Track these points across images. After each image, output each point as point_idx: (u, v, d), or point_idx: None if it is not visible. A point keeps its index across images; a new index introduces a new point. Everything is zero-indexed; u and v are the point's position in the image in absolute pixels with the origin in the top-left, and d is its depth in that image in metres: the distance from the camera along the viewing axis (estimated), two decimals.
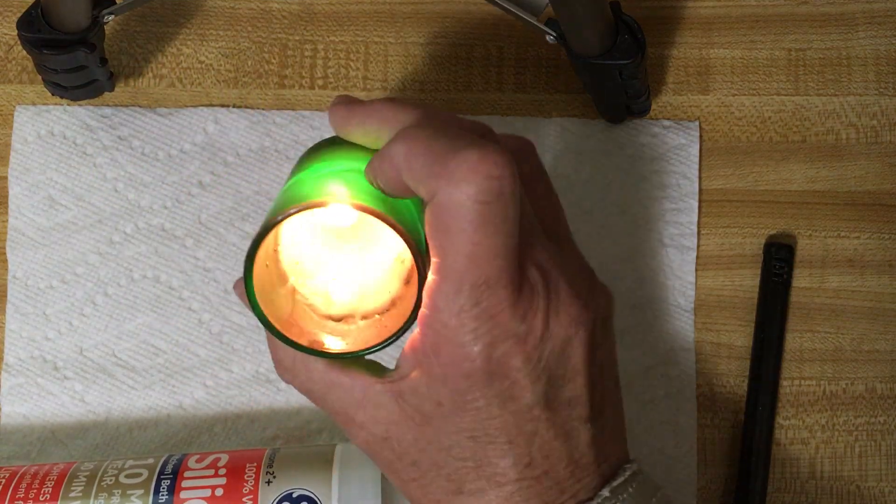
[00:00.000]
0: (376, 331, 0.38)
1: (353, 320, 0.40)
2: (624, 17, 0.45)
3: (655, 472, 0.49)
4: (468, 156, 0.33)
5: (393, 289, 0.40)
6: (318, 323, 0.39)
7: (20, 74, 0.53)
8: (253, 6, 0.54)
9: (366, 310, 0.40)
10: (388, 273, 0.40)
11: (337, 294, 0.40)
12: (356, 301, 0.40)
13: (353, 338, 0.39)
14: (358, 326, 0.39)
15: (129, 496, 0.43)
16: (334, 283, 0.40)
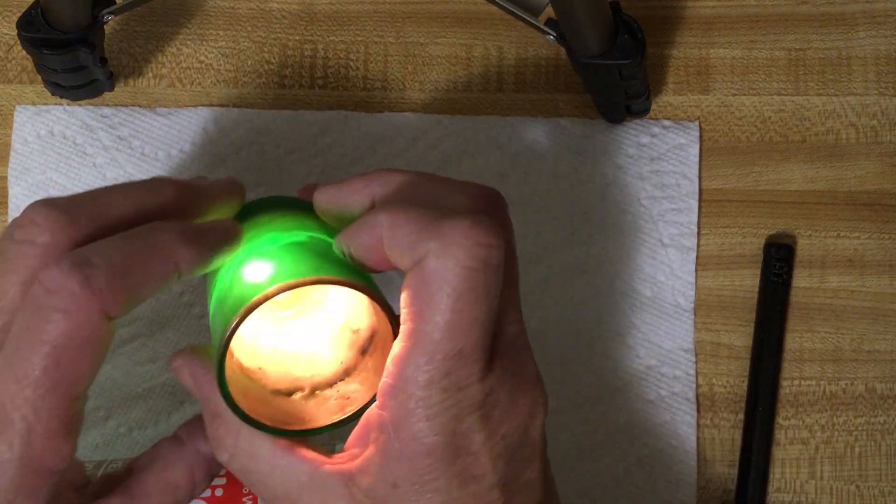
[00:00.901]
0: (337, 403, 0.37)
1: (305, 393, 0.38)
2: (624, 16, 0.45)
3: (655, 472, 0.49)
4: (460, 221, 0.33)
5: (343, 358, 0.38)
6: (268, 399, 0.37)
7: (20, 74, 0.53)
8: (253, 6, 0.54)
9: (315, 381, 0.38)
10: (336, 342, 0.39)
11: (281, 365, 0.39)
12: (303, 372, 0.39)
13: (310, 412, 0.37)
14: (315, 400, 0.38)
15: None
16: (276, 354, 0.39)
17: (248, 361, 0.38)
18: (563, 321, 0.50)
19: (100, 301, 0.31)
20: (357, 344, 0.39)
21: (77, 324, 0.31)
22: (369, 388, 0.37)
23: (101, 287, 0.31)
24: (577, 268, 0.51)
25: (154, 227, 0.34)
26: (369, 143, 0.52)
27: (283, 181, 0.51)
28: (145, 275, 0.33)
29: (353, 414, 0.37)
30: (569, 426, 0.50)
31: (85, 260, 0.32)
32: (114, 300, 0.32)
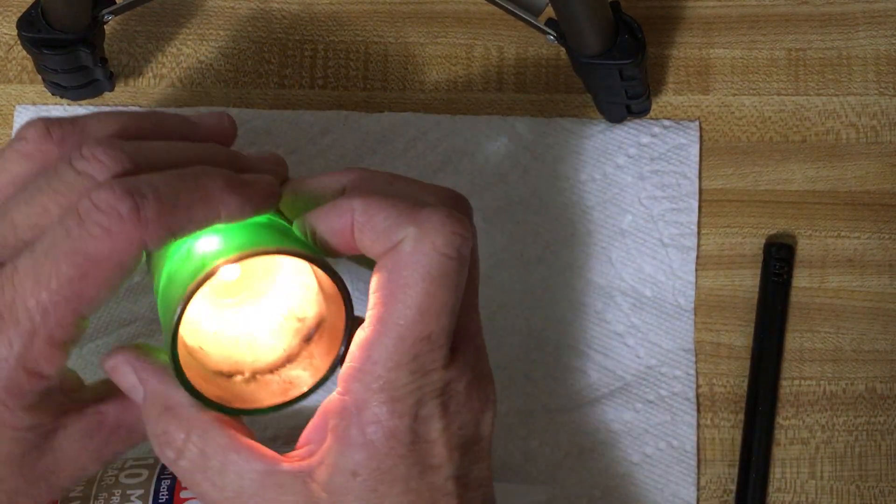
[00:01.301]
0: (280, 388, 0.37)
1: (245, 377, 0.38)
2: (624, 16, 0.45)
3: (655, 471, 0.49)
4: (438, 210, 0.34)
5: (287, 345, 0.39)
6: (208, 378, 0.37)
7: (20, 74, 0.53)
8: (253, 6, 0.54)
9: (256, 366, 0.38)
10: (280, 330, 0.39)
11: (222, 348, 0.38)
12: (244, 356, 0.39)
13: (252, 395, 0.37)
14: (256, 383, 0.38)
15: (129, 496, 0.43)
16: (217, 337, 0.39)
17: (189, 340, 0.38)
18: (563, 321, 0.50)
19: (142, 230, 0.32)
20: (302, 332, 0.39)
21: (116, 246, 0.32)
22: (313, 373, 0.37)
23: (147, 217, 0.32)
24: (577, 268, 0.51)
25: (205, 171, 0.35)
26: (369, 143, 0.52)
27: None
28: (189, 215, 0.33)
29: (296, 398, 0.37)
30: (569, 426, 0.50)
31: (137, 189, 0.32)
32: (155, 233, 0.32)
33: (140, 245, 0.32)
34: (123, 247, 0.32)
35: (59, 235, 0.32)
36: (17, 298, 0.32)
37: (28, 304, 0.32)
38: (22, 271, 0.32)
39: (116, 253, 0.32)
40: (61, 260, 0.32)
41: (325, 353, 0.37)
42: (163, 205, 0.33)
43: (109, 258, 0.32)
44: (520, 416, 0.50)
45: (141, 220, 0.32)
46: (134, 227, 0.32)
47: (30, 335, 0.32)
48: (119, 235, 0.32)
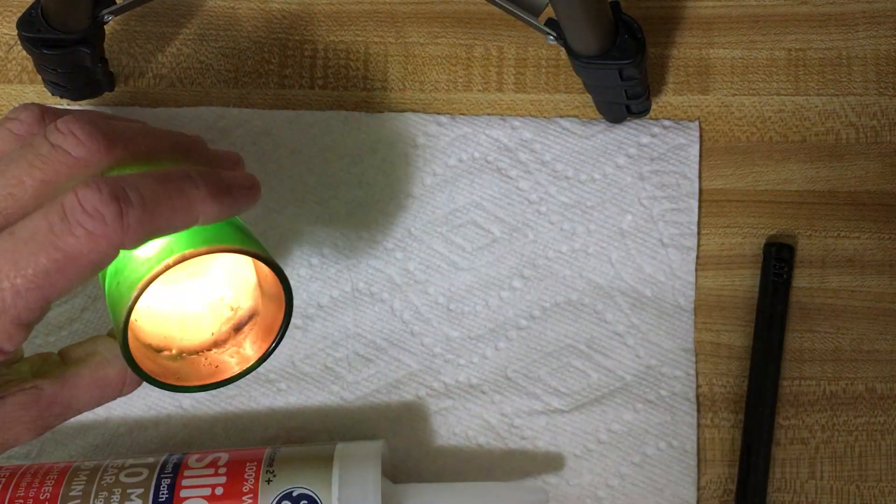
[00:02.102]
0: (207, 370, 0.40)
1: (172, 354, 0.40)
2: (624, 16, 0.45)
3: (655, 471, 0.49)
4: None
5: (216, 330, 0.41)
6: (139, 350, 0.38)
7: (20, 74, 0.53)
8: (253, 6, 0.54)
9: (184, 345, 0.40)
10: (211, 314, 0.41)
11: (153, 323, 0.40)
12: (174, 333, 0.40)
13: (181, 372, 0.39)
14: (184, 362, 0.40)
15: (129, 495, 0.43)
16: (148, 311, 0.40)
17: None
18: (563, 321, 0.50)
19: (123, 236, 0.33)
20: (233, 321, 0.41)
21: (95, 247, 0.33)
22: (239, 361, 0.40)
23: (129, 223, 0.33)
24: (577, 267, 0.51)
25: (187, 177, 0.36)
26: (369, 143, 0.52)
27: (284, 181, 0.52)
28: (168, 221, 0.35)
29: (220, 381, 0.39)
30: (569, 426, 0.50)
31: (123, 194, 0.33)
32: (134, 238, 0.34)
33: (118, 247, 0.34)
34: (102, 249, 0.33)
35: (42, 227, 0.33)
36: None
37: (1, 285, 0.33)
38: (1, 253, 0.33)
39: (95, 254, 0.33)
40: (40, 252, 0.33)
41: (254, 344, 0.40)
42: (146, 212, 0.34)
43: (87, 257, 0.33)
44: (520, 416, 0.50)
45: (123, 225, 0.33)
46: (116, 231, 0.33)
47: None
48: (100, 238, 0.33)
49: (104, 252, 0.33)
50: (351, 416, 0.50)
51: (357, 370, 0.50)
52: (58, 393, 0.38)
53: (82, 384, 0.38)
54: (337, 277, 0.51)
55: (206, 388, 0.39)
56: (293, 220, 0.51)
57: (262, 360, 0.40)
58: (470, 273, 0.51)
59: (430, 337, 0.51)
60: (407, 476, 0.49)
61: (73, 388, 0.38)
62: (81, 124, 0.35)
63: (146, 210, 0.34)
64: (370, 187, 0.52)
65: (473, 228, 0.51)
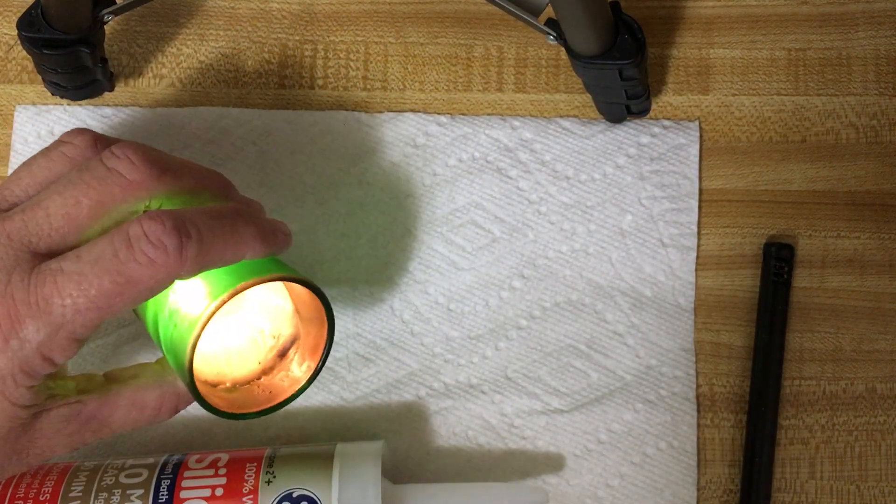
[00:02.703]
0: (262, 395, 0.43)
1: (227, 386, 0.43)
2: (624, 16, 0.45)
3: (655, 471, 0.49)
4: None
5: (262, 359, 0.44)
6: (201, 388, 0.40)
7: (20, 74, 0.53)
8: (253, 6, 0.54)
9: (236, 377, 0.43)
10: (253, 346, 0.44)
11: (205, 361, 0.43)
12: (225, 368, 0.43)
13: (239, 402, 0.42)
14: (239, 392, 0.43)
15: (128, 496, 0.43)
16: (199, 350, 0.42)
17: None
18: (563, 321, 0.50)
19: (181, 265, 0.36)
20: (276, 348, 0.43)
21: (155, 274, 0.36)
22: (290, 384, 0.43)
23: (188, 256, 0.36)
24: (577, 267, 0.51)
25: (239, 216, 0.39)
26: (369, 143, 0.52)
27: (284, 181, 0.52)
28: (220, 255, 0.37)
29: (277, 404, 0.42)
30: (569, 426, 0.50)
31: (184, 227, 0.36)
32: (190, 268, 0.36)
33: (175, 276, 0.36)
34: (161, 276, 0.36)
35: (108, 252, 0.36)
36: (55, 294, 0.35)
37: (64, 302, 0.35)
38: (66, 273, 0.35)
39: (154, 280, 0.36)
40: (104, 276, 0.35)
41: (301, 366, 0.43)
42: (202, 245, 0.36)
43: (146, 283, 0.36)
44: (520, 415, 0.50)
45: (183, 256, 0.36)
46: (175, 261, 0.36)
47: (56, 328, 0.35)
48: (161, 267, 0.36)
49: (162, 280, 0.36)
50: (351, 416, 0.50)
51: (357, 370, 0.50)
52: (98, 409, 0.39)
53: (121, 404, 0.40)
54: (337, 278, 0.51)
55: (265, 413, 0.42)
56: (293, 220, 0.51)
57: (313, 379, 0.43)
58: (470, 273, 0.51)
59: (430, 337, 0.51)
60: (407, 476, 0.49)
61: (112, 407, 0.40)
62: (136, 150, 0.38)
63: (203, 244, 0.36)
64: (370, 187, 0.52)
65: (473, 228, 0.51)
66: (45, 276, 0.35)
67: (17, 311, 0.35)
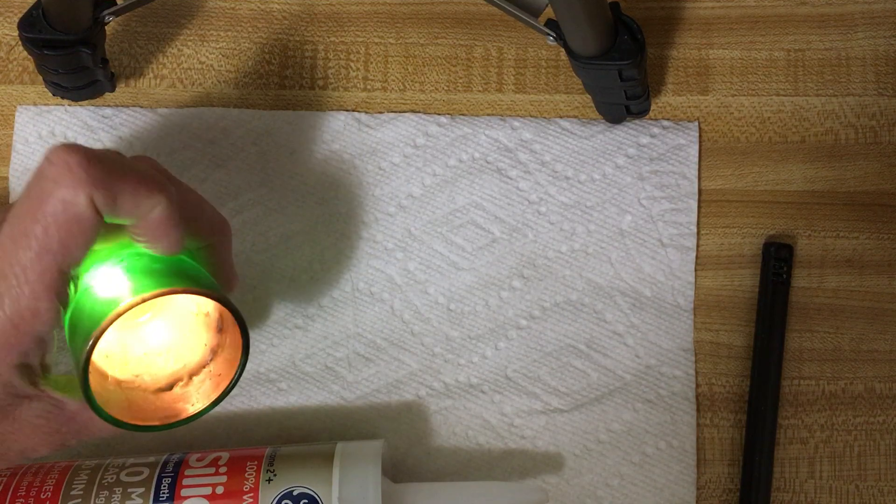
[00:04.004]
0: (213, 382, 0.41)
1: (184, 382, 0.42)
2: (623, 17, 0.46)
3: (655, 471, 0.49)
4: None
5: (207, 340, 0.42)
6: (151, 400, 0.40)
7: (21, 75, 0.53)
8: (253, 7, 0.54)
9: (190, 368, 0.42)
10: (196, 328, 0.42)
11: (156, 366, 0.42)
12: (177, 364, 0.42)
13: (191, 397, 0.41)
14: (193, 385, 0.41)
15: (129, 494, 0.44)
16: (147, 358, 0.42)
17: (123, 373, 0.41)
18: (563, 321, 0.51)
19: (90, 183, 0.35)
20: (212, 325, 0.42)
21: (66, 195, 0.34)
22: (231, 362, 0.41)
23: (95, 174, 0.35)
24: (577, 267, 0.51)
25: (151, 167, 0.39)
26: (369, 144, 0.52)
27: (284, 181, 0.52)
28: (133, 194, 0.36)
29: (226, 389, 0.41)
30: (569, 426, 0.50)
31: (91, 152, 0.35)
32: (100, 188, 0.35)
33: (87, 195, 0.35)
34: (71, 196, 0.34)
35: (23, 195, 0.36)
36: (3, 257, 0.35)
37: (10, 262, 0.35)
38: (4, 234, 0.36)
39: (68, 204, 0.34)
40: (26, 217, 0.35)
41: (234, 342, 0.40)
42: (112, 172, 0.35)
43: (63, 210, 0.35)
44: (520, 415, 0.50)
45: (88, 173, 0.34)
46: (81, 178, 0.34)
47: (15, 291, 0.35)
48: (68, 186, 0.34)
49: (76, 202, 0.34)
50: (351, 415, 0.50)
51: (357, 370, 0.50)
52: (78, 412, 0.39)
53: None
54: (337, 277, 0.51)
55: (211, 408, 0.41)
56: (293, 220, 0.51)
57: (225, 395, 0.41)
58: (470, 273, 0.51)
59: (431, 337, 0.51)
60: (407, 476, 0.49)
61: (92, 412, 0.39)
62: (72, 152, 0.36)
63: (113, 171, 0.35)
64: (370, 187, 0.52)
65: (473, 228, 0.51)
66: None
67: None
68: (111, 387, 0.40)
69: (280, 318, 0.51)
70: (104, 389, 0.39)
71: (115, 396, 0.39)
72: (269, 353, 0.51)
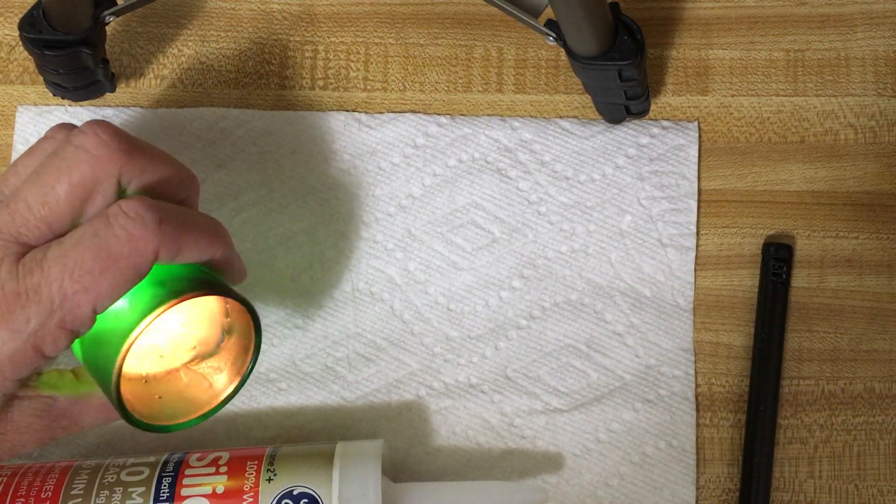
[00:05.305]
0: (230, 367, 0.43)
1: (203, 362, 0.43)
2: (623, 17, 0.46)
3: (655, 471, 0.49)
4: None
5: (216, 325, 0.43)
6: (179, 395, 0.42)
7: (22, 75, 0.53)
8: (254, 7, 0.54)
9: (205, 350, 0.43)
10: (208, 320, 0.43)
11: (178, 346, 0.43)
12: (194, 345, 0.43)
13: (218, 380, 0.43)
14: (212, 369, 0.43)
15: (130, 494, 0.44)
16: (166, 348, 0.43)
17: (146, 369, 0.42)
18: (562, 321, 0.51)
19: (159, 240, 0.36)
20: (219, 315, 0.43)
21: (135, 249, 0.36)
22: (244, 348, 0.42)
23: (166, 231, 0.36)
24: (577, 267, 0.51)
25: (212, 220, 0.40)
26: (369, 144, 0.52)
27: (285, 182, 0.52)
28: (195, 243, 0.38)
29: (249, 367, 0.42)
30: (568, 426, 0.50)
31: (162, 207, 0.37)
32: (168, 246, 0.36)
33: (154, 252, 0.36)
34: (141, 250, 0.36)
35: (87, 233, 0.36)
36: (42, 281, 0.35)
37: (52, 288, 0.35)
38: (50, 258, 0.36)
39: (134, 255, 0.36)
40: (86, 253, 0.35)
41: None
42: (180, 226, 0.37)
43: (128, 259, 0.36)
44: (520, 415, 0.50)
45: (161, 230, 0.36)
46: (153, 235, 0.36)
47: (46, 315, 0.35)
48: (140, 240, 0.36)
49: (143, 254, 0.36)
50: (351, 415, 0.50)
51: (357, 370, 0.50)
52: (69, 408, 0.40)
53: (93, 404, 0.41)
54: (337, 277, 0.51)
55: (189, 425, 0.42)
56: (293, 220, 0.51)
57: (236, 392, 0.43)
58: (470, 273, 0.51)
59: (430, 337, 0.51)
60: (407, 475, 0.49)
61: (84, 407, 0.40)
62: (104, 125, 0.37)
63: (180, 225, 0.37)
64: (370, 187, 0.52)
65: (473, 228, 0.52)
66: (31, 265, 0.36)
67: (7, 303, 0.35)
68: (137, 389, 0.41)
69: (280, 318, 0.51)
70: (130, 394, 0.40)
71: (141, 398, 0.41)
72: (269, 353, 0.51)
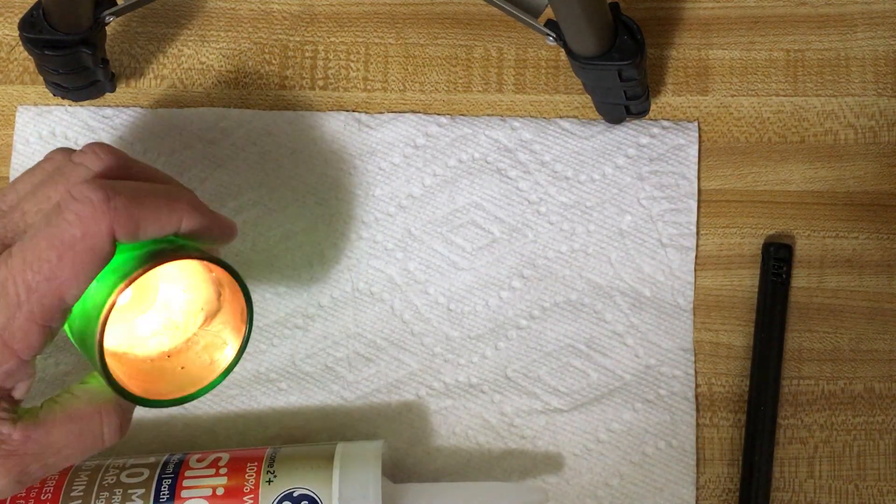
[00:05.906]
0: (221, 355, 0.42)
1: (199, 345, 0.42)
2: (623, 17, 0.46)
3: (655, 471, 0.49)
4: None
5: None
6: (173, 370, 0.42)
7: (22, 75, 0.53)
8: (253, 7, 0.54)
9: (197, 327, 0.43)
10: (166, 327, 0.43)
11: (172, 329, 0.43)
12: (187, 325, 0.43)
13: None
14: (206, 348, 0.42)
15: (130, 495, 0.44)
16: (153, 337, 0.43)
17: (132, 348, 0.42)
18: (562, 321, 0.51)
19: (112, 219, 0.36)
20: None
21: (87, 230, 0.35)
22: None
23: (116, 207, 0.36)
24: (577, 267, 0.51)
25: (173, 187, 0.40)
26: (369, 144, 0.52)
27: (285, 182, 0.52)
28: (154, 217, 0.37)
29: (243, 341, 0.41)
30: (568, 426, 0.50)
31: (110, 185, 0.36)
32: (125, 224, 0.36)
33: (109, 230, 0.36)
34: (93, 231, 0.35)
35: (42, 223, 0.36)
36: (7, 276, 0.35)
37: (16, 281, 0.35)
38: (14, 254, 0.36)
39: (88, 237, 0.35)
40: (42, 243, 0.35)
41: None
42: (132, 201, 0.36)
43: (82, 241, 0.35)
44: (519, 415, 0.50)
45: (110, 208, 0.36)
46: (103, 214, 0.35)
47: (13, 309, 0.35)
48: (89, 220, 0.35)
49: (96, 236, 0.35)
50: (351, 415, 0.50)
51: (357, 370, 0.51)
52: (31, 431, 0.38)
53: (56, 420, 0.38)
54: (337, 277, 0.51)
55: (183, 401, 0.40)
56: (293, 220, 0.51)
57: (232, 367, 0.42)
58: (470, 273, 0.51)
59: (430, 337, 0.51)
60: (407, 476, 0.49)
61: (47, 425, 0.38)
62: (103, 146, 0.39)
63: (133, 200, 0.36)
64: (370, 187, 0.52)
65: (473, 228, 0.52)
66: (0, 265, 0.36)
67: None
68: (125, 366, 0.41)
69: (280, 318, 0.51)
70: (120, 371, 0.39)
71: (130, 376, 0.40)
72: (269, 353, 0.51)
